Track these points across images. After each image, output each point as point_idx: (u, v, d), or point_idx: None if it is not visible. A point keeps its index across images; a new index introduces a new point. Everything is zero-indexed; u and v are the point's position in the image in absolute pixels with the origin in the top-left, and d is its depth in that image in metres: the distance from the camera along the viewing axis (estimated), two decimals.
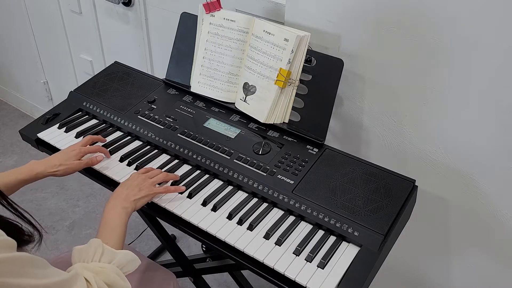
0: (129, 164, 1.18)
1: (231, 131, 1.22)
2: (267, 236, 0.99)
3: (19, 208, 0.81)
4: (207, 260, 1.69)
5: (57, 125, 1.31)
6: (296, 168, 1.11)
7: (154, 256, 1.99)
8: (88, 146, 1.18)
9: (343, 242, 0.99)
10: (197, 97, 1.34)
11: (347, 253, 0.97)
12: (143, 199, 1.03)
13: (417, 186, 1.07)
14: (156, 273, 1.21)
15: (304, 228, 1.02)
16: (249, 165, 1.13)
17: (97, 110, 1.34)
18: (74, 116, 1.35)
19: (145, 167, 1.15)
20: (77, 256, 0.86)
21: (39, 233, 0.82)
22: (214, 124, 1.25)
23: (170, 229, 1.52)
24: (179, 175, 1.14)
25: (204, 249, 1.93)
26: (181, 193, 1.10)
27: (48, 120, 1.32)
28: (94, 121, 1.34)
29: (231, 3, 1.38)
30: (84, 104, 1.36)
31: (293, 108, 1.20)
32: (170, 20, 1.61)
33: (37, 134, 1.28)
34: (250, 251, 0.96)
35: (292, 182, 1.08)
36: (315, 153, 1.14)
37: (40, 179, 1.10)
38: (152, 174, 1.09)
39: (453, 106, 1.09)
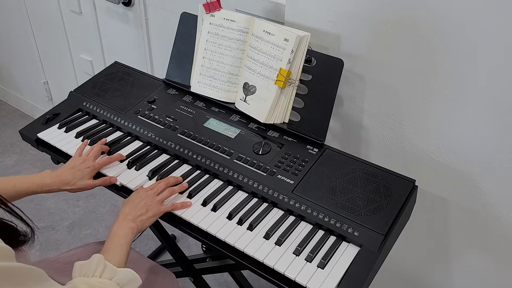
0: (129, 164, 1.18)
1: (231, 131, 1.22)
2: (267, 236, 0.99)
3: (10, 204, 0.81)
4: (207, 260, 1.69)
5: (57, 125, 1.31)
6: (296, 168, 1.11)
7: (154, 256, 1.99)
8: (100, 160, 1.16)
9: (343, 242, 0.99)
10: (197, 97, 1.34)
11: (347, 253, 0.97)
12: (150, 219, 1.03)
13: (417, 186, 1.07)
14: (156, 273, 1.21)
15: (304, 228, 1.02)
16: (249, 165, 1.13)
17: (97, 110, 1.34)
18: (74, 116, 1.35)
19: (157, 181, 1.11)
20: (78, 270, 0.85)
21: (31, 229, 0.82)
22: (214, 124, 1.25)
23: (170, 229, 1.52)
24: (179, 175, 1.14)
25: (204, 249, 1.93)
26: (181, 193, 1.10)
27: (48, 120, 1.32)
28: (94, 121, 1.34)
29: (231, 3, 1.38)
30: (84, 104, 1.36)
31: (293, 108, 1.20)
32: (170, 20, 1.61)
33: (37, 134, 1.28)
34: (250, 251, 0.96)
35: (292, 182, 1.08)
36: (315, 153, 1.14)
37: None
38: (158, 189, 1.06)
39: (453, 106, 1.09)
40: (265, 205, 1.08)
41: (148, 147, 1.24)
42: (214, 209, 1.06)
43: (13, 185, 1.04)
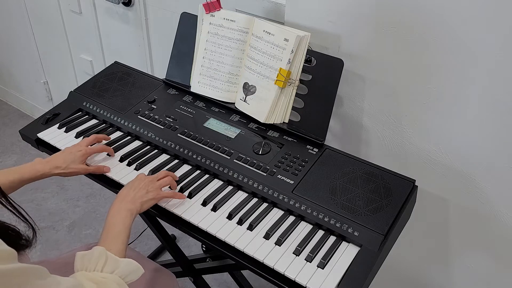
0: (129, 164, 1.18)
1: (231, 131, 1.22)
2: (267, 236, 0.99)
3: (18, 207, 0.81)
4: (207, 260, 1.69)
5: (57, 125, 1.31)
6: (296, 168, 1.11)
7: (154, 256, 1.99)
8: (93, 146, 1.17)
9: (343, 242, 0.99)
10: (197, 97, 1.34)
11: (347, 253, 0.97)
12: (150, 202, 1.02)
13: (417, 186, 1.07)
14: (156, 273, 1.21)
15: (304, 228, 1.02)
16: (249, 165, 1.13)
17: (97, 110, 1.34)
18: (74, 116, 1.35)
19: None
20: (80, 263, 0.84)
21: (33, 230, 0.81)
22: (214, 124, 1.25)
23: (170, 229, 1.52)
24: (179, 175, 1.14)
25: (204, 249, 1.93)
26: (181, 192, 1.10)
27: (48, 120, 1.32)
28: (94, 121, 1.34)
29: (231, 3, 1.38)
30: (84, 104, 1.36)
31: (293, 108, 1.20)
32: (170, 20, 1.61)
33: (37, 134, 1.28)
34: (250, 251, 0.96)
35: (292, 182, 1.08)
36: (315, 153, 1.14)
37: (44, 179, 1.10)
38: (158, 175, 1.07)
39: (453, 106, 1.09)
40: (265, 205, 1.08)
41: (148, 147, 1.24)
42: (214, 209, 1.06)
43: (6, 176, 1.03)
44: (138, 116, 1.29)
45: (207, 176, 1.15)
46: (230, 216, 1.04)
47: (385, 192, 1.04)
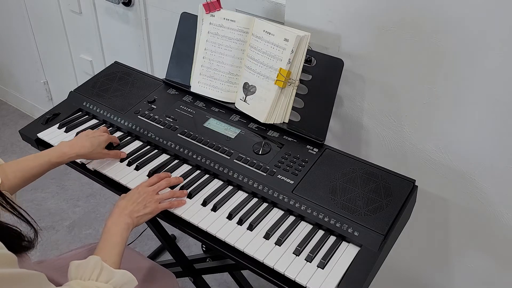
0: (129, 164, 1.18)
1: (231, 131, 1.22)
2: (267, 236, 0.99)
3: (17, 207, 0.81)
4: (207, 260, 1.69)
5: (57, 125, 1.31)
6: (296, 168, 1.11)
7: (154, 256, 1.99)
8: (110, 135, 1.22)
9: (343, 242, 0.99)
10: (197, 97, 1.34)
11: (347, 253, 0.97)
12: (147, 216, 1.02)
13: (417, 186, 1.07)
14: (156, 273, 1.21)
15: (304, 228, 1.02)
16: (249, 165, 1.13)
17: (97, 110, 1.34)
18: (74, 116, 1.35)
19: (156, 175, 1.11)
20: (74, 272, 0.85)
21: (35, 231, 0.81)
22: (214, 124, 1.25)
23: (170, 229, 1.52)
24: (179, 175, 1.14)
25: (204, 249, 1.94)
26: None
27: (48, 120, 1.32)
28: (94, 121, 1.34)
29: (231, 3, 1.38)
30: (84, 104, 1.36)
31: (293, 108, 1.20)
32: (170, 20, 1.61)
33: (37, 134, 1.28)
34: (250, 251, 0.96)
35: (292, 182, 1.08)
36: (315, 153, 1.14)
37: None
38: (159, 187, 1.06)
39: (453, 106, 1.09)
40: (265, 205, 1.08)
41: (148, 147, 1.24)
42: (214, 209, 1.06)
43: (35, 160, 1.05)
44: (138, 116, 1.29)
45: (207, 176, 1.15)
46: (230, 216, 1.04)
47: (385, 192, 1.04)
